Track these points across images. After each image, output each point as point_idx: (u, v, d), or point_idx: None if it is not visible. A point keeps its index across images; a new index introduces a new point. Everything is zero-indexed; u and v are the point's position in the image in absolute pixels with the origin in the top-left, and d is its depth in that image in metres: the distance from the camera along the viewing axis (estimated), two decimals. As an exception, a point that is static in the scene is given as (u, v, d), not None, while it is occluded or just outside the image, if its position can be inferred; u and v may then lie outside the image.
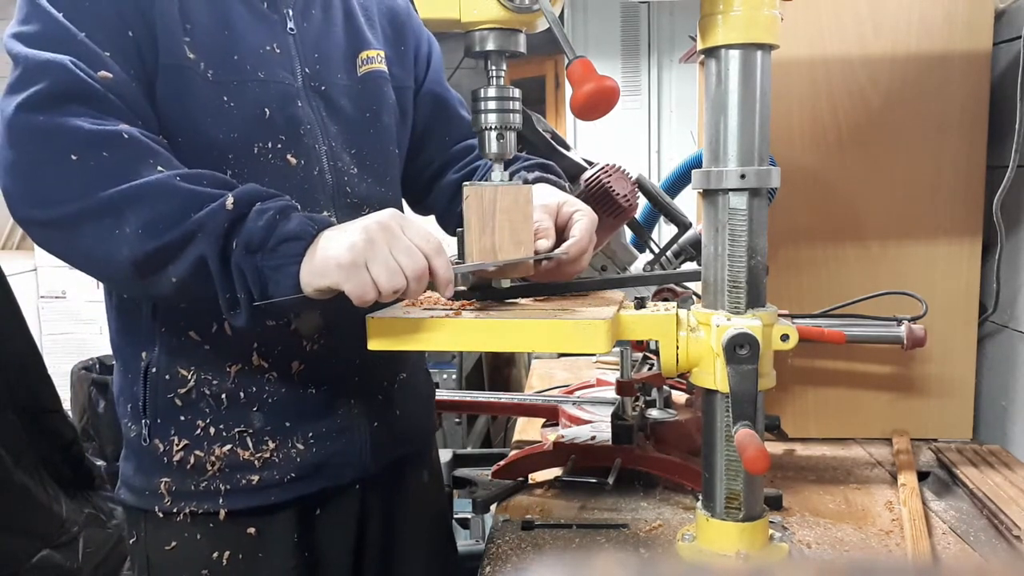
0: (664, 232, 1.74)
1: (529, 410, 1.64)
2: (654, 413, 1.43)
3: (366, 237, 0.92)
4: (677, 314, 1.02)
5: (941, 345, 1.48)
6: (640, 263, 1.60)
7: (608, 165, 1.41)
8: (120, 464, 1.15)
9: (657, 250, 1.46)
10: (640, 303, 1.06)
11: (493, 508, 1.31)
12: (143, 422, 1.09)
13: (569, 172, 1.40)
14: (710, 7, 0.96)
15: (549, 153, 1.38)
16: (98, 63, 0.96)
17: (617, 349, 1.34)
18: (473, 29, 1.04)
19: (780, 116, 1.42)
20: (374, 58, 1.20)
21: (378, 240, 0.92)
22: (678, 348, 1.01)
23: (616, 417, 1.33)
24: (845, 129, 1.47)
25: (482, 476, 1.64)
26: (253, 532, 1.11)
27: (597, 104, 0.97)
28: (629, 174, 1.43)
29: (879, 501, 1.28)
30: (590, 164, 1.43)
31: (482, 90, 1.06)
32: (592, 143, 4.19)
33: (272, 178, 1.06)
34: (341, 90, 1.16)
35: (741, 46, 0.96)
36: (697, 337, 1.00)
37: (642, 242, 1.56)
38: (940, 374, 1.50)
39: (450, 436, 3.31)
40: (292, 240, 0.93)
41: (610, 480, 1.26)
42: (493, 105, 1.05)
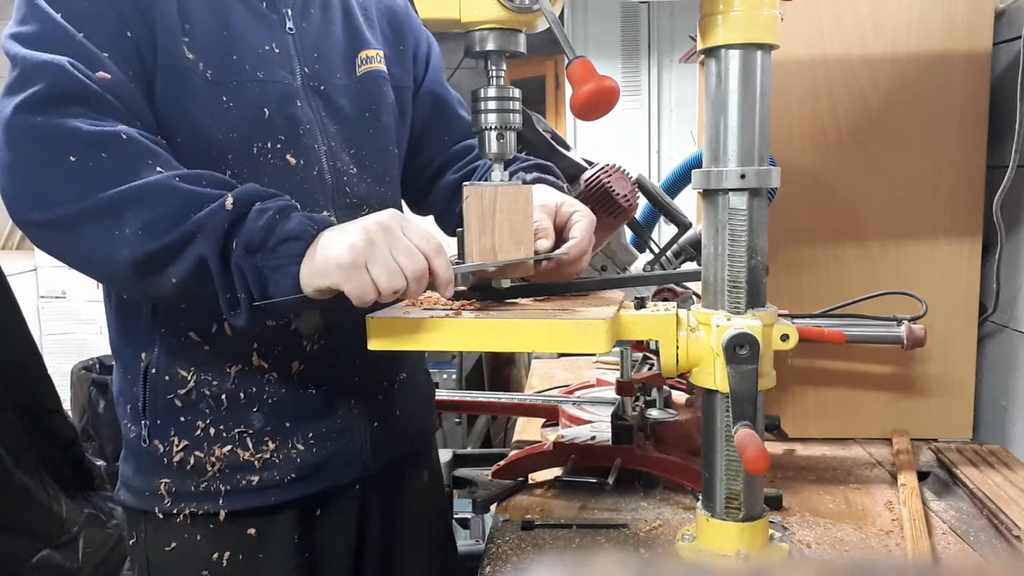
0: (664, 232, 1.74)
1: (529, 410, 1.64)
2: (654, 413, 1.43)
3: (366, 238, 0.92)
4: (677, 314, 1.02)
5: (941, 345, 1.48)
6: (640, 263, 1.60)
7: (608, 165, 1.41)
8: (120, 465, 1.15)
9: (657, 250, 1.46)
10: (640, 303, 1.06)
11: (493, 508, 1.31)
12: (143, 423, 1.09)
13: (569, 172, 1.40)
14: (710, 7, 0.96)
15: (549, 153, 1.38)
16: (96, 64, 0.95)
17: (617, 349, 1.34)
18: (473, 29, 1.04)
19: (780, 116, 1.42)
20: (373, 58, 1.20)
21: (378, 241, 0.92)
22: (678, 348, 1.01)
23: (616, 417, 1.33)
24: (845, 129, 1.47)
25: (482, 476, 1.64)
26: (253, 533, 1.11)
27: (597, 104, 0.97)
28: (629, 174, 1.43)
29: (879, 501, 1.28)
30: (590, 164, 1.43)
31: (482, 90, 1.06)
32: (592, 143, 4.19)
33: (271, 178, 1.05)
34: (340, 90, 1.16)
35: (741, 46, 0.96)
36: (697, 337, 1.00)
37: (642, 242, 1.56)
38: (940, 374, 1.50)
39: (450, 436, 3.31)
40: (292, 240, 0.93)
41: (610, 480, 1.26)
42: (493, 105, 1.05)
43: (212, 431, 1.08)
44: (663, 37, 4.33)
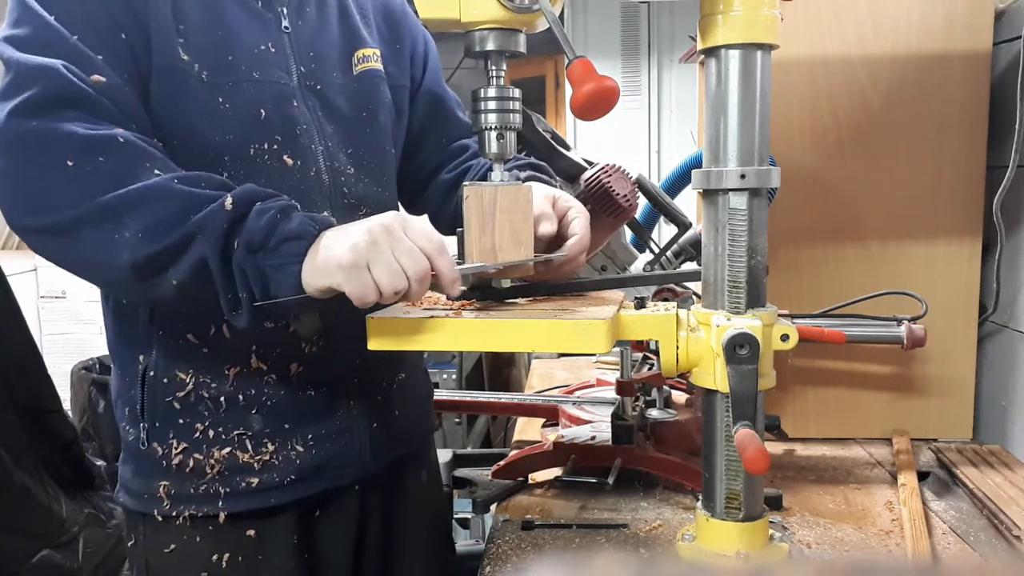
0: (664, 232, 1.74)
1: (529, 410, 1.64)
2: (654, 413, 1.43)
3: (369, 238, 0.91)
4: (677, 314, 1.02)
5: (941, 345, 1.48)
6: (640, 263, 1.60)
7: (608, 165, 1.41)
8: (119, 467, 1.14)
9: (657, 250, 1.46)
10: (640, 303, 1.06)
11: (493, 508, 1.31)
12: (141, 426, 1.09)
13: (569, 172, 1.39)
14: (710, 7, 0.96)
15: (549, 153, 1.38)
16: (90, 67, 0.94)
17: (617, 349, 1.34)
18: (473, 29, 1.04)
19: (780, 116, 1.42)
20: (370, 56, 1.19)
21: (381, 241, 0.92)
22: (678, 348, 1.01)
23: (616, 417, 1.33)
24: (845, 129, 1.47)
25: (482, 476, 1.64)
26: (253, 534, 1.11)
27: (597, 104, 0.96)
28: (629, 174, 1.43)
29: (879, 501, 1.28)
30: (590, 164, 1.43)
31: (482, 90, 1.05)
32: (592, 143, 4.19)
33: (268, 179, 1.05)
34: (337, 89, 1.15)
35: (741, 46, 0.96)
36: (697, 337, 1.00)
37: (642, 242, 1.56)
38: (940, 374, 1.50)
39: (450, 436, 3.31)
40: (294, 239, 0.92)
41: (610, 480, 1.26)
42: (493, 105, 1.05)
43: (211, 433, 1.08)
44: (663, 37, 4.33)
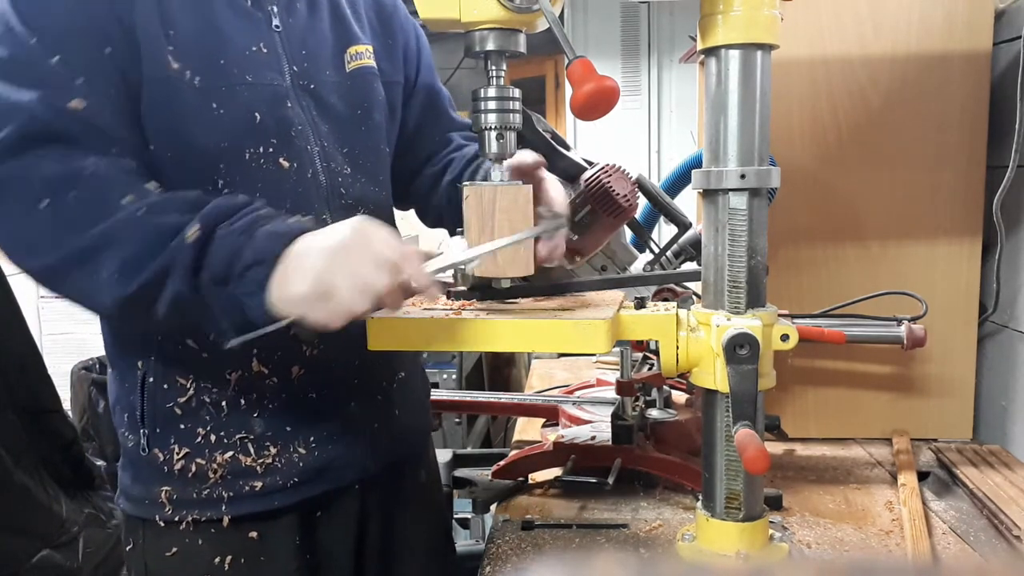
0: (664, 232, 1.74)
1: (529, 410, 1.64)
2: (654, 413, 1.43)
3: (328, 263, 0.89)
4: (677, 314, 1.02)
5: (941, 345, 1.48)
6: (640, 263, 1.59)
7: (608, 165, 1.41)
8: (118, 472, 1.14)
9: (657, 250, 1.46)
10: (640, 303, 1.06)
11: (493, 508, 1.31)
12: (141, 432, 1.08)
13: (569, 172, 1.39)
14: (710, 7, 0.96)
15: (549, 153, 1.38)
16: (69, 92, 0.93)
17: (617, 349, 1.34)
18: (473, 29, 1.03)
19: (780, 116, 1.42)
20: (363, 53, 1.18)
21: (340, 262, 0.89)
22: (678, 348, 1.01)
23: (616, 417, 1.33)
24: (845, 129, 1.47)
25: (482, 476, 1.63)
26: (255, 536, 1.10)
27: (597, 104, 0.96)
28: (629, 174, 1.43)
29: (879, 501, 1.28)
30: (590, 164, 1.43)
31: (482, 90, 1.05)
32: (592, 143, 4.19)
33: (265, 184, 1.04)
34: (331, 87, 1.13)
35: (741, 46, 0.96)
36: (697, 337, 1.00)
37: (642, 242, 1.56)
38: (940, 374, 1.50)
39: (450, 436, 3.31)
40: (256, 265, 0.90)
41: (610, 480, 1.26)
42: (493, 105, 1.05)
43: (213, 438, 1.07)
44: (663, 37, 4.33)
